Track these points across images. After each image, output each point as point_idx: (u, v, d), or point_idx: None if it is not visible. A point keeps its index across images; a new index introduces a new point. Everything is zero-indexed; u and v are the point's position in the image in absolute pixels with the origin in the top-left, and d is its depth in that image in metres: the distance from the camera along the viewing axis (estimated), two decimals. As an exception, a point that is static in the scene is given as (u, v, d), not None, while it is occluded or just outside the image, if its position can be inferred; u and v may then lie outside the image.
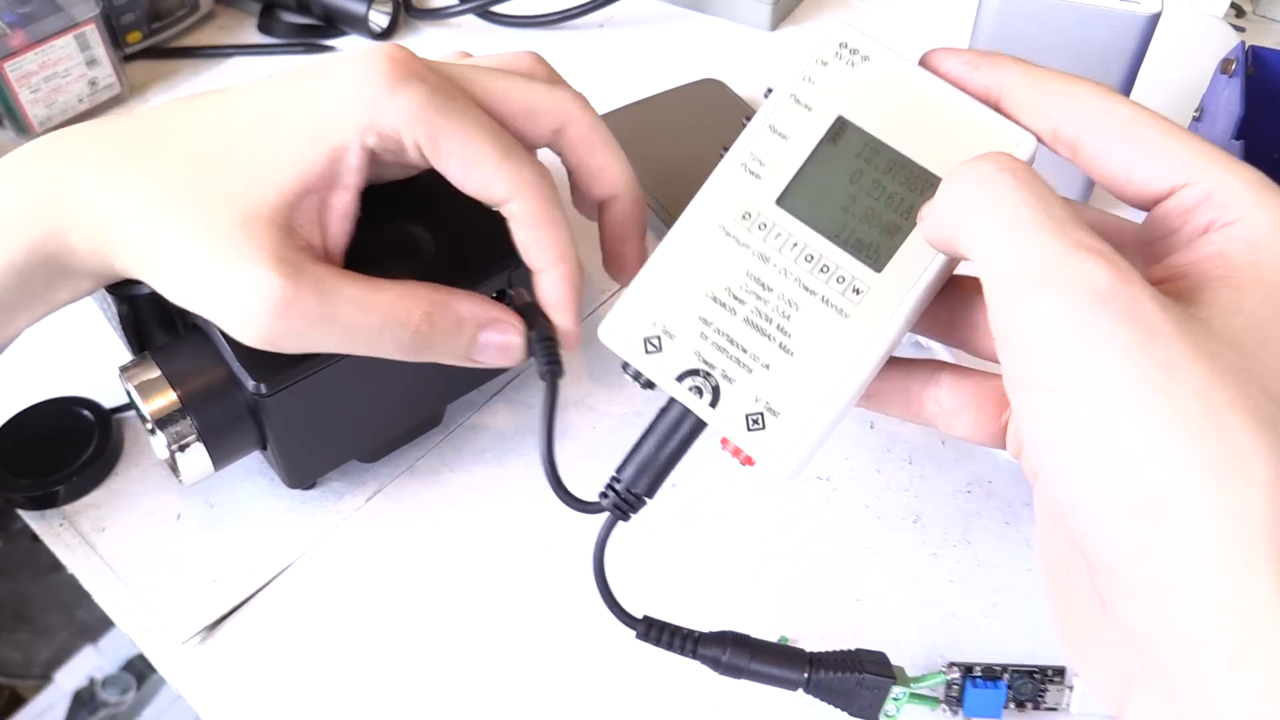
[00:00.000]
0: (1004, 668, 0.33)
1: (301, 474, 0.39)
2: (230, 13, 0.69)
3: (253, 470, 0.42)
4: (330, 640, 0.37)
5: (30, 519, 0.41)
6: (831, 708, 0.33)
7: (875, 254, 0.29)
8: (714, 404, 0.29)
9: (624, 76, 0.64)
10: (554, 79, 0.38)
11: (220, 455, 0.36)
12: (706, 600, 0.38)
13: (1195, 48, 0.60)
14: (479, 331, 0.34)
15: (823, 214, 0.29)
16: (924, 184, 0.29)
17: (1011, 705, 0.33)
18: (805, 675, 0.32)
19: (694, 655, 0.32)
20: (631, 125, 0.57)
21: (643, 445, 0.32)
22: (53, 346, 0.39)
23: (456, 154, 0.33)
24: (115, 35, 0.59)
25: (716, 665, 0.32)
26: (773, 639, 0.37)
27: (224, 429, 0.36)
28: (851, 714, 0.33)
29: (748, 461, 0.29)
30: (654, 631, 0.32)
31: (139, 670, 1.03)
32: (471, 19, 0.69)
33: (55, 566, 0.40)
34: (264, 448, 0.38)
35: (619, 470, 0.32)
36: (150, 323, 0.38)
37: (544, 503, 0.41)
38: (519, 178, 0.33)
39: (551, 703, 0.36)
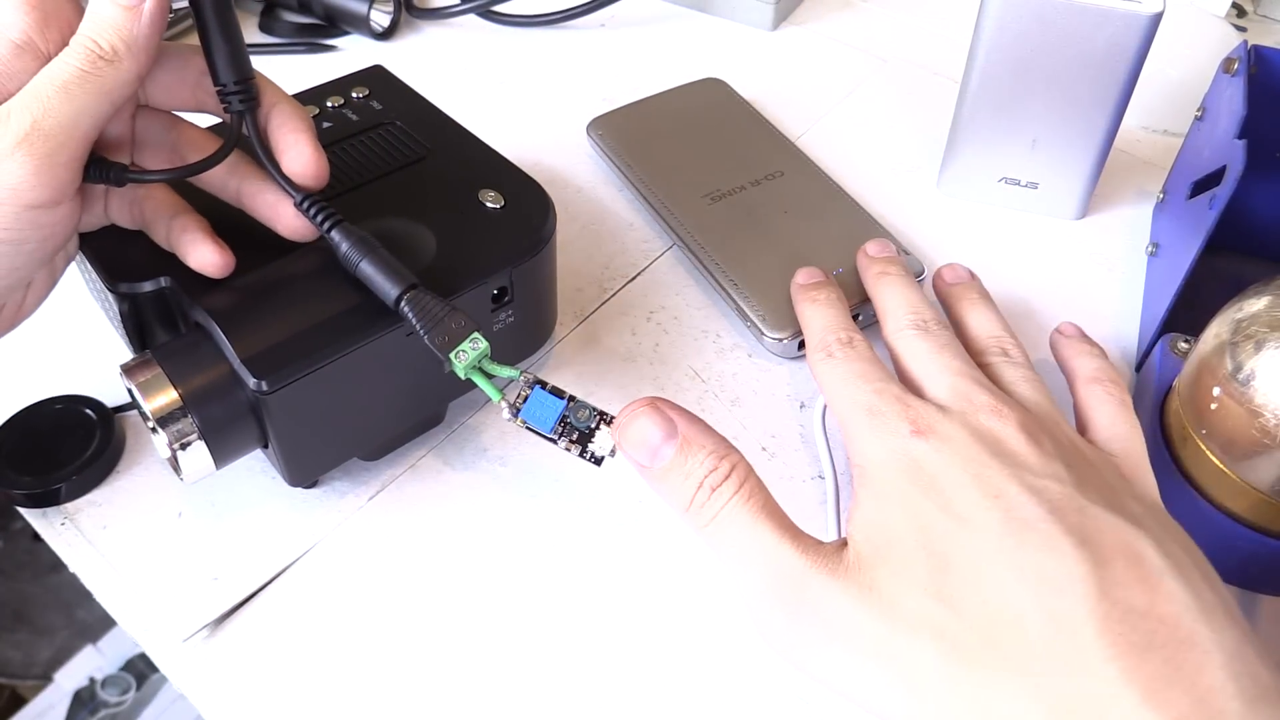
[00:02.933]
0: (574, 396, 0.35)
1: (303, 472, 0.39)
2: (231, 12, 0.70)
3: (254, 468, 0.42)
4: (333, 638, 0.37)
5: (32, 517, 0.41)
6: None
7: None
8: None
9: (625, 76, 0.64)
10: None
11: (222, 453, 0.36)
12: (705, 598, 0.38)
13: (1197, 47, 0.60)
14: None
15: None
16: None
17: (561, 432, 0.34)
18: (403, 290, 0.35)
19: (329, 231, 0.35)
20: (633, 125, 0.58)
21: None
22: (54, 345, 0.39)
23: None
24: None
25: (338, 250, 0.35)
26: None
27: (225, 427, 0.36)
28: (431, 342, 0.34)
29: None
30: (309, 205, 0.36)
31: (139, 670, 1.03)
32: (472, 19, 0.69)
33: (56, 566, 0.40)
34: (265, 446, 0.38)
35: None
36: (151, 321, 0.38)
37: (546, 502, 0.41)
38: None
39: (552, 701, 0.36)
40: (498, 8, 0.68)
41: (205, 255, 0.36)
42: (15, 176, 0.31)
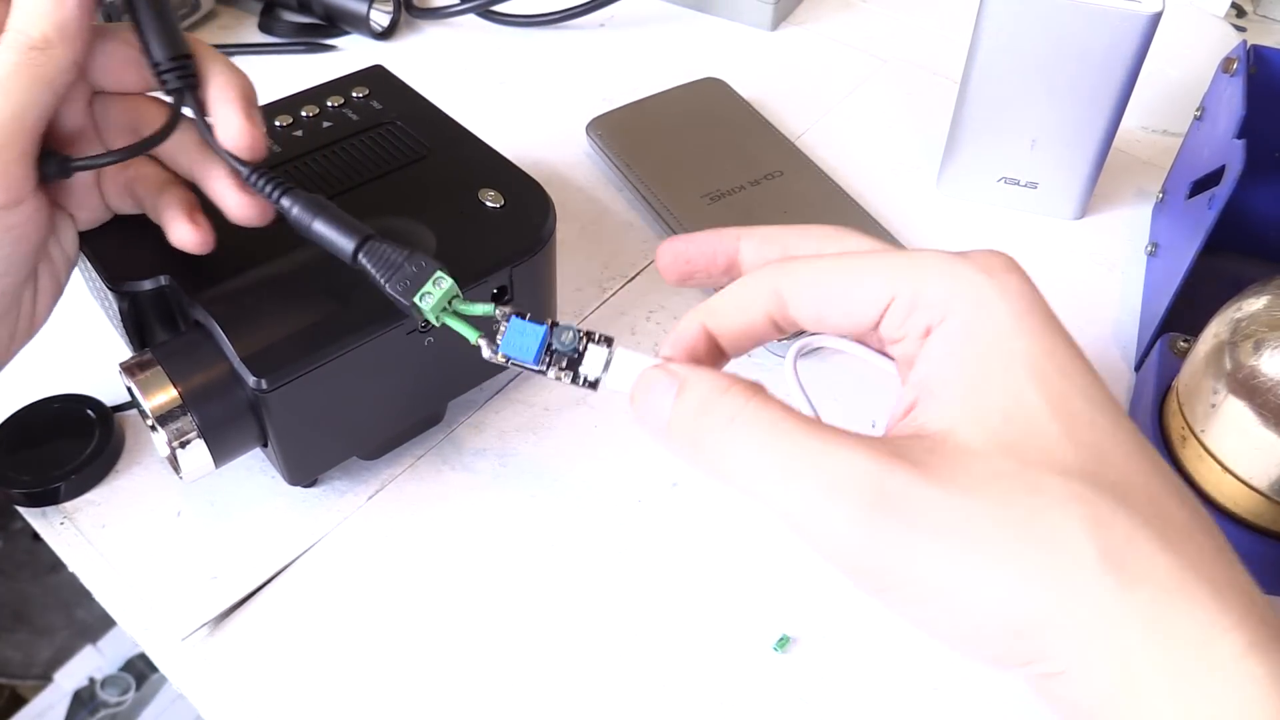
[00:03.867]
0: (556, 320, 0.31)
1: (302, 471, 0.39)
2: (231, 12, 0.70)
3: (254, 467, 0.42)
4: (332, 638, 0.37)
5: (31, 516, 0.41)
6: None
7: None
8: None
9: (625, 76, 0.64)
10: None
11: (221, 452, 0.36)
12: (705, 598, 0.38)
13: (1196, 47, 0.60)
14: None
15: None
16: None
17: (548, 362, 0.30)
18: (359, 241, 0.33)
19: (279, 199, 0.34)
20: (633, 125, 0.58)
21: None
22: (54, 344, 0.39)
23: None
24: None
25: (289, 215, 0.34)
26: (774, 638, 0.37)
27: (225, 425, 0.36)
28: (392, 290, 0.33)
29: None
30: (257, 176, 0.34)
31: (139, 670, 1.03)
32: (472, 18, 0.69)
33: (55, 566, 0.40)
34: (265, 444, 0.38)
35: None
36: (151, 319, 0.38)
37: (546, 501, 0.41)
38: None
39: (552, 700, 0.36)
40: (498, 8, 0.68)
41: (182, 232, 0.35)
42: None
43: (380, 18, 0.67)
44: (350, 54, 0.66)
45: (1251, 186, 0.49)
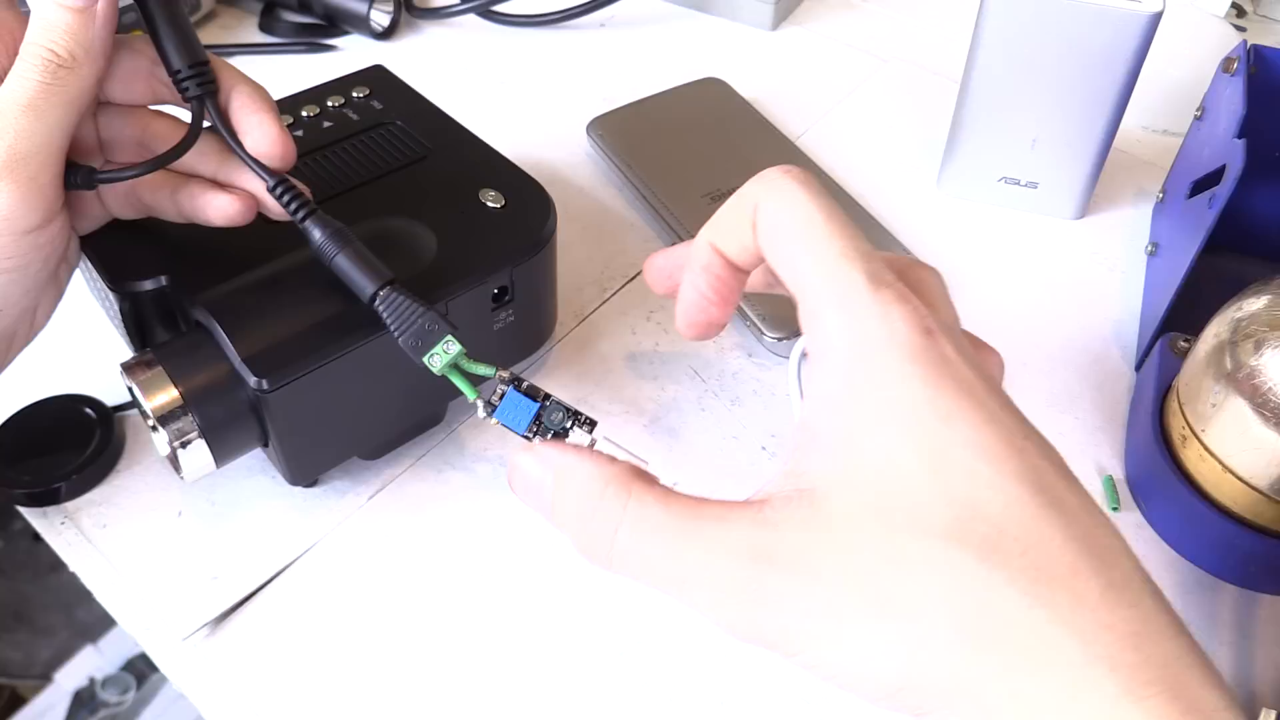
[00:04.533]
0: (549, 395, 0.34)
1: (303, 471, 0.39)
2: (232, 12, 0.70)
3: (254, 467, 0.42)
4: (332, 638, 0.37)
5: (31, 516, 0.41)
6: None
7: None
8: None
9: (625, 76, 0.64)
10: None
11: (222, 452, 0.36)
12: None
13: (1196, 47, 0.60)
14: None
15: None
16: None
17: (536, 431, 0.33)
18: (378, 287, 0.34)
19: (303, 220, 0.35)
20: (633, 124, 0.58)
21: None
22: (54, 344, 0.39)
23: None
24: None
25: (312, 241, 0.35)
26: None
27: (225, 426, 0.36)
28: (405, 345, 0.34)
29: None
30: (282, 191, 0.35)
31: (139, 670, 1.03)
32: (472, 19, 0.69)
33: (55, 566, 0.40)
34: (266, 444, 0.38)
35: None
36: (152, 320, 0.38)
37: (545, 500, 0.41)
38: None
39: (552, 699, 0.36)
40: (498, 8, 0.68)
41: (223, 203, 0.35)
42: (5, 206, 0.31)
43: (380, 18, 0.67)
44: (350, 54, 0.66)
45: (1252, 186, 0.49)
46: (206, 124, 0.35)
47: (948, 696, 0.22)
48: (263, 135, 0.35)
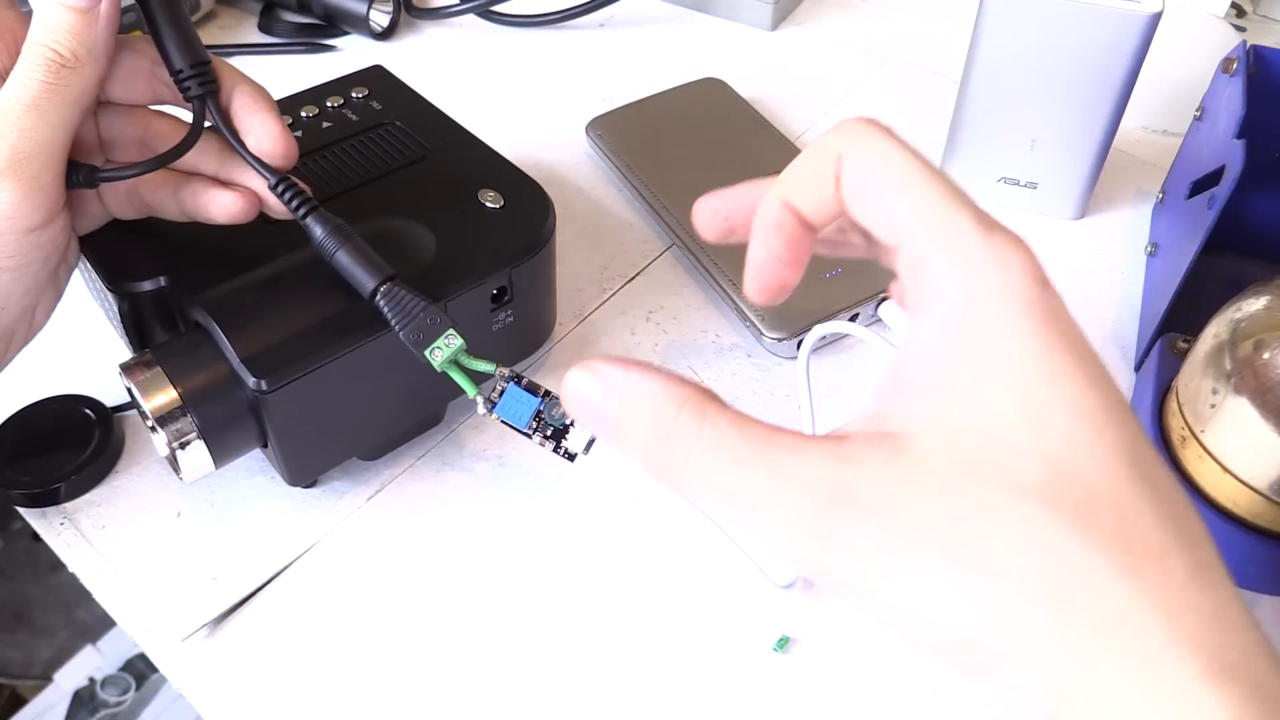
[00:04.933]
0: (549, 391, 0.34)
1: (302, 471, 0.39)
2: (231, 12, 0.70)
3: (253, 468, 0.42)
4: (332, 638, 0.37)
5: (31, 517, 0.41)
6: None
7: None
8: None
9: (625, 76, 0.64)
10: None
11: (221, 453, 0.36)
12: (705, 598, 0.38)
13: (1196, 47, 0.60)
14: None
15: None
16: None
17: (536, 427, 0.33)
18: (379, 282, 0.34)
19: (304, 217, 0.35)
20: (633, 125, 0.58)
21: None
22: (54, 344, 0.39)
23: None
24: (116, 34, 0.59)
25: (313, 238, 0.35)
26: (774, 638, 0.37)
27: (224, 426, 0.36)
28: (406, 339, 0.34)
29: None
30: (284, 189, 0.35)
31: (139, 670, 1.03)
32: (472, 19, 0.69)
33: (55, 566, 0.40)
34: (265, 445, 0.38)
35: None
36: (151, 320, 0.38)
37: (545, 502, 0.41)
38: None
39: (553, 701, 0.36)
40: (497, 8, 0.68)
41: (225, 200, 0.35)
42: (8, 205, 0.31)
43: (380, 18, 0.67)
44: (350, 54, 0.66)
45: (1251, 187, 0.48)
46: (207, 123, 0.35)
47: (1019, 659, 0.21)
48: (265, 134, 0.35)
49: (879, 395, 0.24)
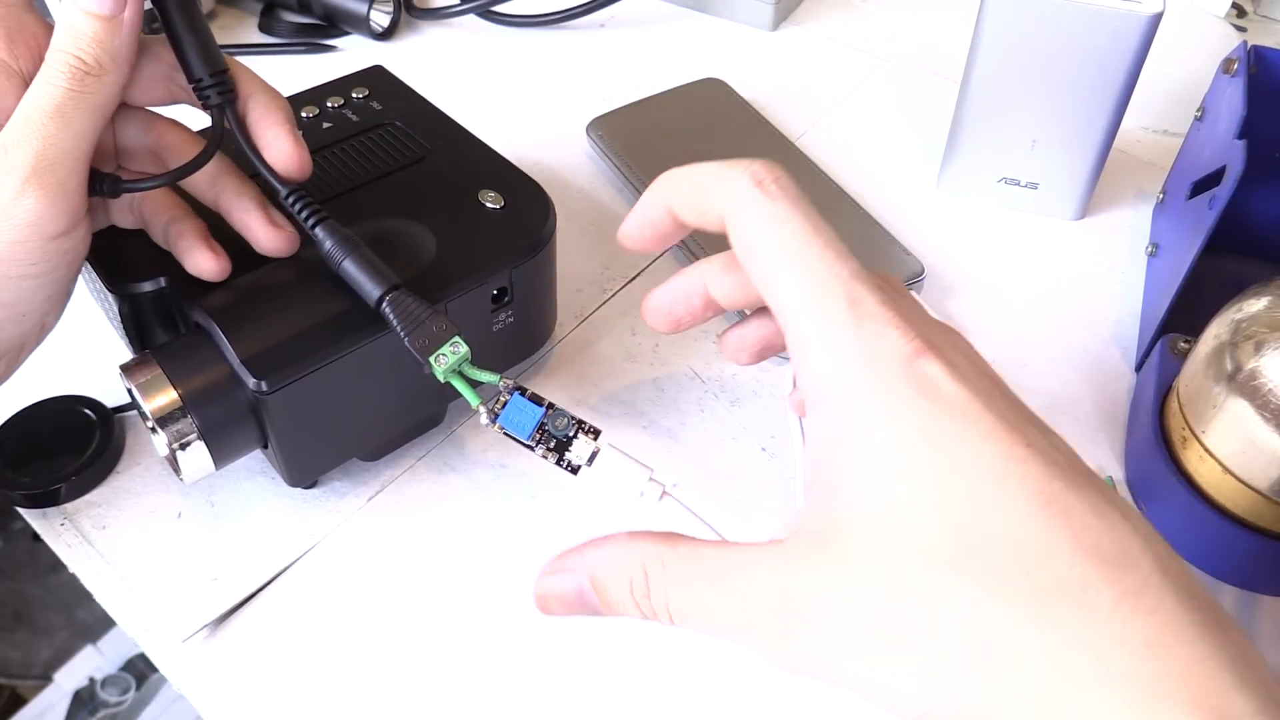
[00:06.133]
0: (553, 404, 0.34)
1: (302, 472, 0.39)
2: (231, 12, 0.70)
3: (254, 469, 0.41)
4: (332, 639, 0.37)
5: (31, 518, 0.41)
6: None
7: None
8: None
9: (625, 76, 0.64)
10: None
11: (221, 453, 0.36)
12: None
13: (1196, 48, 0.60)
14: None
15: None
16: None
17: (539, 440, 0.34)
18: (385, 290, 0.34)
19: (314, 228, 0.35)
20: (633, 125, 0.58)
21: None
22: (54, 345, 0.39)
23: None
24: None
25: (321, 247, 0.35)
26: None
27: (225, 427, 0.36)
28: (411, 345, 0.34)
29: None
30: (295, 200, 0.35)
31: (139, 670, 1.03)
32: (472, 19, 0.69)
33: (55, 566, 0.40)
34: (265, 446, 0.38)
35: None
36: (151, 321, 0.38)
37: (546, 503, 0.41)
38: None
39: (553, 701, 0.36)
40: (498, 8, 0.68)
41: (201, 261, 0.36)
42: (34, 212, 0.31)
43: (380, 18, 0.67)
44: (350, 54, 0.66)
45: (1252, 187, 0.49)
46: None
47: None
48: (280, 149, 0.35)
49: (803, 490, 0.26)
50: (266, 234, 0.36)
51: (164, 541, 0.40)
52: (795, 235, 0.26)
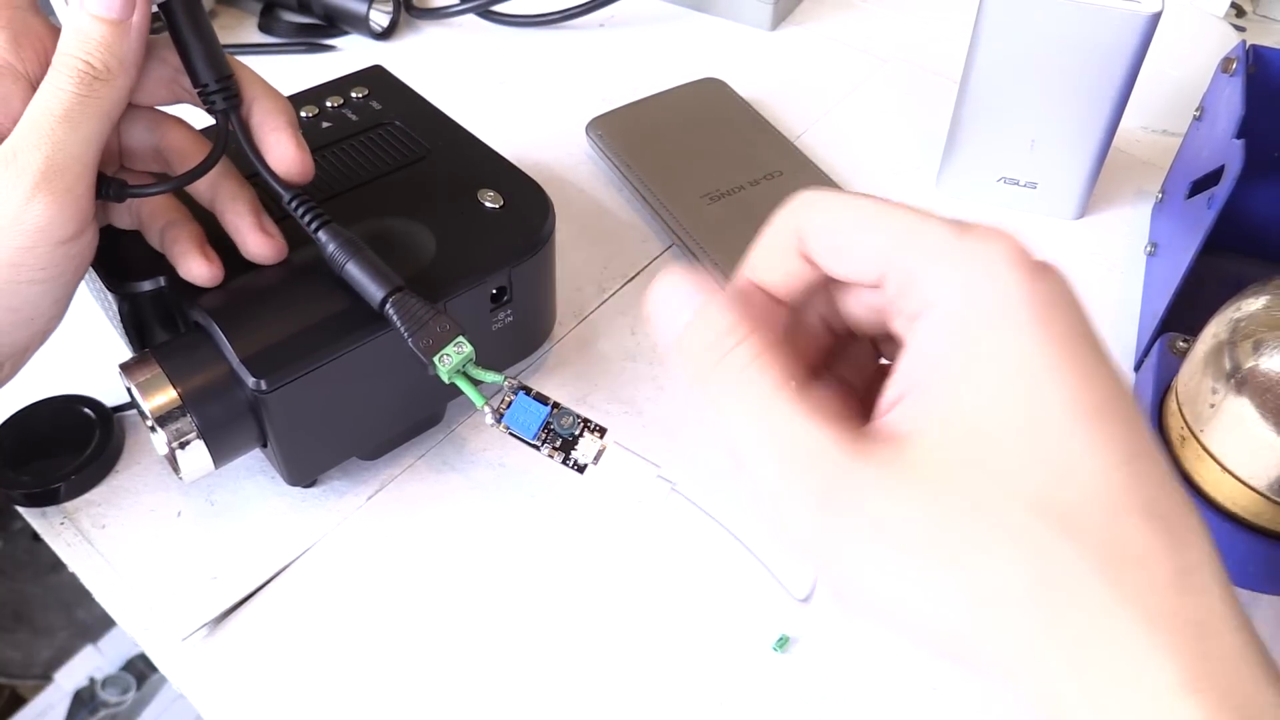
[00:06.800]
0: (558, 403, 0.34)
1: (302, 471, 0.39)
2: (231, 12, 0.70)
3: (253, 468, 0.42)
4: (332, 637, 0.37)
5: (31, 517, 0.41)
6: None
7: None
8: None
9: (624, 76, 0.64)
10: None
11: (220, 452, 0.36)
12: (705, 598, 0.38)
13: (1196, 47, 0.60)
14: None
15: None
16: None
17: (545, 439, 0.34)
18: (389, 292, 0.34)
19: (316, 231, 0.35)
20: (632, 125, 0.58)
21: None
22: (54, 345, 0.39)
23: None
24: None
25: (324, 250, 0.35)
26: (774, 638, 0.37)
27: (224, 426, 0.36)
28: (415, 346, 0.34)
29: None
30: (298, 204, 0.36)
31: (139, 670, 1.03)
32: (472, 19, 0.69)
33: (55, 566, 0.40)
34: (264, 445, 0.38)
35: None
36: (151, 320, 0.38)
37: (546, 502, 0.41)
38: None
39: (552, 701, 0.36)
40: (497, 8, 0.68)
41: (194, 267, 0.36)
42: (43, 218, 0.31)
43: (380, 18, 0.67)
44: (350, 54, 0.66)
45: (1251, 186, 0.49)
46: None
47: (1006, 659, 0.22)
48: (283, 154, 0.35)
49: (889, 400, 0.25)
50: (256, 240, 0.36)
51: (163, 540, 0.40)
52: (873, 202, 0.26)
